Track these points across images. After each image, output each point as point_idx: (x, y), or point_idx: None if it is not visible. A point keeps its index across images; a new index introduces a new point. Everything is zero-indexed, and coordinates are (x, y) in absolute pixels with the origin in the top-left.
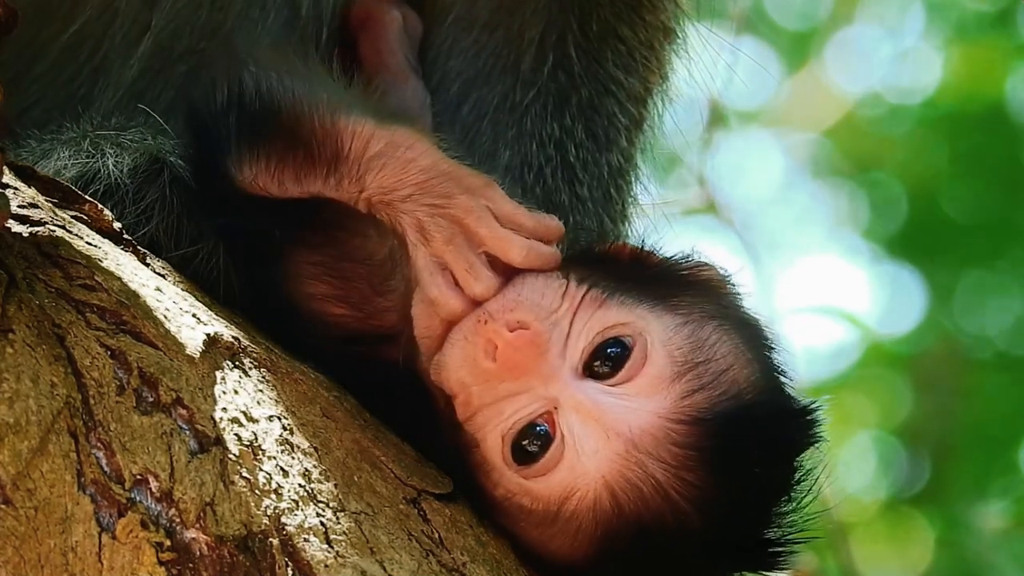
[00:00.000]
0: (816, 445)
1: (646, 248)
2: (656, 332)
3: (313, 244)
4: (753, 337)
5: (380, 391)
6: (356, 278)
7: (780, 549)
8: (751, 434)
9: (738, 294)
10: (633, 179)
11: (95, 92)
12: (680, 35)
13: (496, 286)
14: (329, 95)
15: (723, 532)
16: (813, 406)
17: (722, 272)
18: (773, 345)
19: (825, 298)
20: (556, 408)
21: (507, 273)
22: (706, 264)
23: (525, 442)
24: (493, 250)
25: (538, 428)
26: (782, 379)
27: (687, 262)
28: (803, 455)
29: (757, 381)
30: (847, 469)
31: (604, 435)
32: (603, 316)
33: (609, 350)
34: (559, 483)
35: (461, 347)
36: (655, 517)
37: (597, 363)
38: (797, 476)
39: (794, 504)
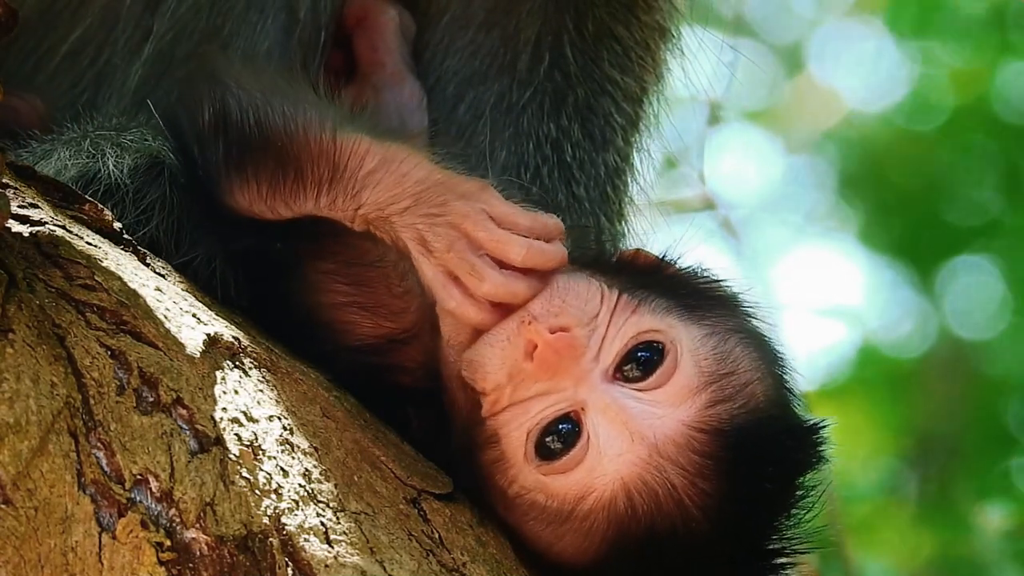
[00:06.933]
0: (822, 465)
1: (665, 258)
2: (686, 341)
3: (324, 253)
4: (768, 354)
5: (390, 388)
6: (370, 282)
7: (783, 560)
8: (765, 449)
9: (753, 310)
10: (630, 179)
11: (99, 98)
12: (676, 35)
13: (503, 282)
14: (318, 113)
15: (729, 542)
16: (822, 425)
17: (738, 288)
18: (785, 363)
19: (823, 299)
20: (584, 408)
21: (526, 271)
22: (723, 279)
23: (549, 439)
24: (493, 252)
25: (562, 426)
26: (792, 397)
27: (706, 275)
28: (810, 474)
29: (773, 397)
30: (849, 470)
31: (629, 438)
32: (638, 321)
33: (640, 355)
34: (577, 482)
35: (502, 348)
36: (666, 522)
37: (628, 367)
38: (804, 493)
39: (799, 519)
